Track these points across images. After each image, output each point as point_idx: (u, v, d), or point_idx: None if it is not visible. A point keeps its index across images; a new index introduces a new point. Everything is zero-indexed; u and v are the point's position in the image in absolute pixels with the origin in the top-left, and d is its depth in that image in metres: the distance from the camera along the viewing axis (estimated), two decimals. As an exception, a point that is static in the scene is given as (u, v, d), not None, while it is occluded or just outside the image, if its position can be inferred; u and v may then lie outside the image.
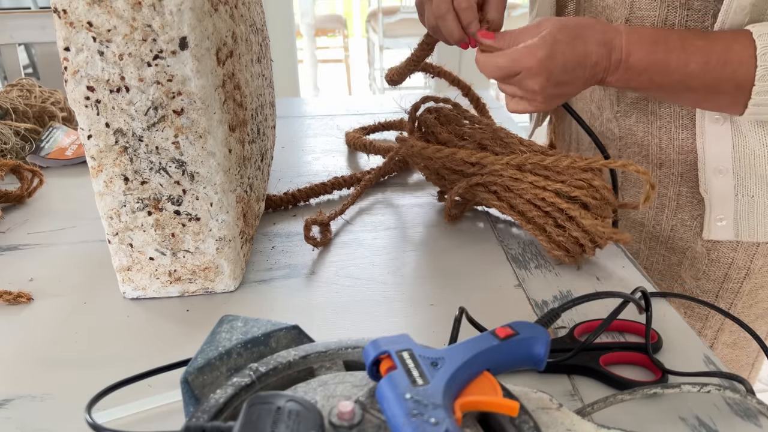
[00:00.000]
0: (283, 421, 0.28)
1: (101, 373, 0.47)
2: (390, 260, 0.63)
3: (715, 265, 0.71)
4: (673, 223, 0.72)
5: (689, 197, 0.70)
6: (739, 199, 0.65)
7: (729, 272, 0.71)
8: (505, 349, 0.35)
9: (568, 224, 0.58)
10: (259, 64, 0.69)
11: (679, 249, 0.73)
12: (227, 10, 0.54)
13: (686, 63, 0.55)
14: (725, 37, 0.56)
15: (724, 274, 0.71)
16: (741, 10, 0.55)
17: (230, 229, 0.55)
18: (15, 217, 0.75)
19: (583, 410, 0.40)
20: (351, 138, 0.93)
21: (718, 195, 0.65)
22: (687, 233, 0.72)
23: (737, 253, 0.69)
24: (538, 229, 0.61)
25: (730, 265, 0.70)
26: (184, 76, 0.47)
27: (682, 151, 0.68)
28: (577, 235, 0.58)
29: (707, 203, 0.67)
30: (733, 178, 0.64)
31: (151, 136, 0.49)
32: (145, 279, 0.56)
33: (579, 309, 0.53)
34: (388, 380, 0.30)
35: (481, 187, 0.65)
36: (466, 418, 0.32)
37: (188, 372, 0.35)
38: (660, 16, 0.61)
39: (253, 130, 0.64)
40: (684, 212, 0.71)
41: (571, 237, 0.58)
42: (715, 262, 0.71)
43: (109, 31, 0.45)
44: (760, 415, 0.41)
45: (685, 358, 0.48)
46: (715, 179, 0.65)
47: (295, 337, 0.39)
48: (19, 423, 0.43)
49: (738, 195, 0.64)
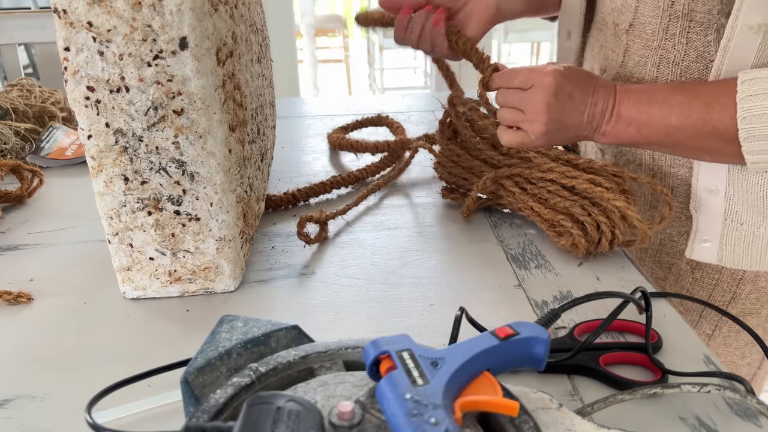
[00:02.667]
0: (283, 421, 0.28)
1: (101, 373, 0.47)
2: (390, 260, 0.63)
3: (699, 284, 0.70)
4: (661, 237, 0.71)
5: (678, 212, 0.68)
6: (727, 224, 0.62)
7: (713, 294, 0.69)
8: (505, 349, 0.35)
9: (595, 209, 0.59)
10: (259, 64, 0.69)
11: (665, 264, 0.72)
12: (227, 10, 0.54)
13: (668, 115, 0.56)
14: (707, 94, 0.55)
15: (708, 295, 0.70)
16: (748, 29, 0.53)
17: (230, 229, 0.55)
18: (15, 217, 0.75)
19: (583, 410, 0.40)
20: (334, 139, 0.93)
21: (706, 215, 0.63)
22: (674, 249, 0.70)
23: (722, 275, 0.68)
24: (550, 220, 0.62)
25: (714, 287, 0.69)
26: (184, 76, 0.47)
27: (674, 164, 0.66)
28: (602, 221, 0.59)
29: (694, 222, 0.64)
30: (724, 201, 0.61)
31: (151, 136, 0.49)
32: (145, 279, 0.56)
33: (579, 309, 0.53)
34: (388, 380, 0.30)
35: (508, 179, 0.66)
36: (466, 418, 0.32)
37: (188, 372, 0.35)
38: (661, 25, 0.60)
39: (253, 130, 0.64)
40: (672, 227, 0.70)
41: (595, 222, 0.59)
42: (700, 281, 0.69)
43: (109, 31, 0.45)
44: (760, 415, 0.41)
45: (685, 358, 0.47)
46: (705, 198, 0.63)
47: (295, 337, 0.39)
48: (19, 423, 0.43)
49: (727, 220, 0.62)
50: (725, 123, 0.53)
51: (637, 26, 0.63)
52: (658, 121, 0.56)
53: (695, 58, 0.60)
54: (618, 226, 0.59)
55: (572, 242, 0.61)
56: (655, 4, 0.60)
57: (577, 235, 0.60)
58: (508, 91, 0.61)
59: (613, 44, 0.67)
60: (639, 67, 0.64)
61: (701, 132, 0.55)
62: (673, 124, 0.56)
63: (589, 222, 0.59)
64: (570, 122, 0.58)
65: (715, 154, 0.57)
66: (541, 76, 0.58)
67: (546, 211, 0.62)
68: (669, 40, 0.61)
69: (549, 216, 0.62)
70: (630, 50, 0.65)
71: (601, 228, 0.59)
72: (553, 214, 0.61)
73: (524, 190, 0.65)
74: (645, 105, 0.57)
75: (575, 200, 0.61)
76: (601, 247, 0.60)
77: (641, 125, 0.57)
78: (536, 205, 0.63)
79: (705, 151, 0.58)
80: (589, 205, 0.60)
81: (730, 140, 0.54)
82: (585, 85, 0.58)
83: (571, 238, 0.60)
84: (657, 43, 0.62)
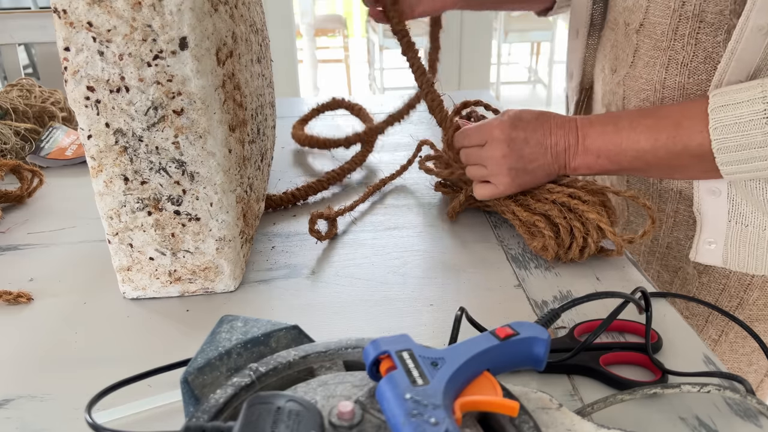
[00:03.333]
0: (283, 421, 0.28)
1: (101, 373, 0.47)
2: (390, 260, 0.63)
3: (706, 289, 0.69)
4: (668, 240, 0.71)
5: (686, 216, 0.68)
6: (731, 225, 0.61)
7: (720, 299, 0.69)
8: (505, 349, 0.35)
9: (571, 215, 0.60)
10: (259, 64, 0.69)
11: (672, 267, 0.72)
12: (227, 10, 0.54)
13: (637, 141, 0.57)
14: (676, 113, 0.56)
15: (714, 300, 0.69)
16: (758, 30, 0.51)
17: (230, 229, 0.55)
18: (15, 217, 0.75)
19: (583, 410, 0.40)
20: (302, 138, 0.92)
21: (710, 216, 0.63)
22: (681, 252, 0.70)
23: (729, 281, 0.67)
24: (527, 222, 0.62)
25: (721, 292, 0.68)
26: (184, 76, 0.47)
27: None
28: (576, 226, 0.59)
29: (698, 223, 0.64)
30: (727, 202, 0.61)
31: (151, 136, 0.49)
32: (145, 279, 0.56)
33: (579, 309, 0.53)
34: (388, 380, 0.30)
35: None
36: (466, 418, 0.32)
37: (188, 372, 0.35)
38: (671, 25, 0.60)
39: (253, 130, 0.64)
40: (679, 231, 0.69)
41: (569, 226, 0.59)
42: (706, 286, 0.69)
43: (109, 31, 0.45)
44: (760, 415, 0.41)
45: (685, 358, 0.48)
46: (708, 199, 0.62)
47: (295, 337, 0.39)
48: (19, 423, 0.43)
49: (731, 221, 0.61)
50: (695, 139, 0.54)
51: (648, 26, 0.63)
52: (627, 148, 0.57)
53: (703, 60, 0.59)
54: (591, 234, 0.59)
55: (542, 244, 0.60)
56: (666, 5, 0.60)
57: (548, 236, 0.59)
58: (469, 150, 0.64)
59: (623, 44, 0.67)
60: (648, 68, 0.64)
61: (672, 151, 0.55)
62: (643, 147, 0.56)
63: (564, 225, 0.59)
64: (533, 166, 0.60)
65: (690, 170, 0.58)
66: (490, 131, 0.61)
67: (525, 214, 0.62)
68: (678, 41, 0.60)
69: (526, 217, 0.62)
70: (640, 51, 0.65)
71: (574, 233, 0.59)
72: (530, 215, 0.62)
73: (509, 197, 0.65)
74: (612, 134, 0.58)
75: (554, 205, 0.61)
76: (572, 253, 0.59)
77: (611, 154, 0.58)
78: (517, 208, 0.63)
79: (678, 170, 0.58)
80: (566, 211, 0.60)
81: (702, 156, 0.54)
82: (539, 128, 0.60)
83: (542, 240, 0.60)
84: (666, 44, 0.61)
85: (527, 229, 0.63)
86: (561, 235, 0.59)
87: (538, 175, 0.61)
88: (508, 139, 0.59)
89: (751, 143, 0.51)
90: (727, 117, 0.52)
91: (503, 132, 0.60)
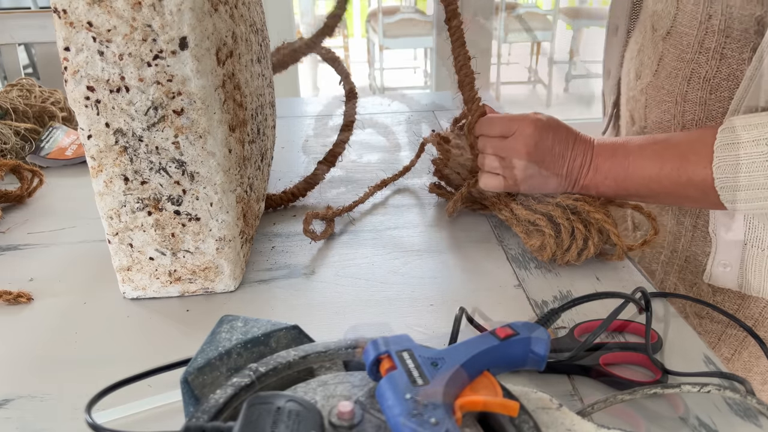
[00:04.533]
0: (283, 421, 0.28)
1: (101, 373, 0.47)
2: (390, 260, 0.63)
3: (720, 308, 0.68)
4: (687, 254, 0.69)
5: (704, 232, 0.66)
6: (748, 249, 0.60)
7: None
8: (505, 349, 0.35)
9: (574, 216, 0.59)
10: (259, 64, 0.69)
11: (687, 282, 0.70)
12: (227, 10, 0.54)
13: (642, 167, 0.56)
14: (683, 144, 0.55)
15: (727, 320, 0.67)
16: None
17: (230, 229, 0.55)
18: (15, 217, 0.75)
19: (583, 410, 0.40)
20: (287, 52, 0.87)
21: (726, 238, 0.61)
22: (697, 268, 0.68)
23: (744, 301, 0.64)
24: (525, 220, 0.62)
25: (735, 312, 0.66)
26: (184, 76, 0.47)
27: None
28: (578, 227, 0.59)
29: (713, 244, 0.62)
30: (743, 224, 0.59)
31: (151, 136, 0.49)
32: (145, 279, 0.56)
33: (579, 309, 0.53)
34: (388, 380, 0.30)
35: None
36: (466, 418, 0.32)
37: (188, 372, 0.35)
38: (697, 37, 0.59)
39: (253, 130, 0.64)
40: (697, 246, 0.67)
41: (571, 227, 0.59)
42: (720, 305, 0.67)
43: (109, 31, 0.45)
44: (760, 415, 0.41)
45: (685, 358, 0.47)
46: (724, 221, 0.61)
47: (295, 337, 0.39)
48: (19, 423, 0.43)
49: (748, 245, 0.60)
50: (699, 174, 0.53)
51: (674, 35, 0.62)
52: (634, 173, 0.57)
53: (727, 76, 0.58)
54: (593, 237, 0.58)
55: (541, 243, 0.60)
56: (693, 16, 0.59)
57: (548, 235, 0.59)
58: (489, 140, 0.62)
59: (649, 50, 0.66)
60: (670, 79, 0.63)
61: (677, 182, 0.55)
62: (648, 174, 0.56)
63: (565, 226, 0.59)
64: (547, 173, 0.59)
65: (697, 201, 0.57)
66: (523, 125, 0.59)
67: (525, 212, 0.61)
68: (703, 54, 0.59)
69: (525, 215, 0.61)
70: (664, 59, 0.64)
71: (575, 234, 0.59)
72: (530, 213, 0.61)
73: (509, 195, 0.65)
74: (621, 158, 0.57)
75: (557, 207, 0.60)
76: (569, 255, 0.59)
77: (618, 178, 0.58)
78: (516, 206, 0.63)
79: (686, 200, 0.57)
80: (570, 213, 0.60)
81: (706, 190, 0.53)
82: (565, 138, 0.59)
83: (541, 238, 0.60)
84: (691, 56, 0.60)
85: (524, 227, 0.62)
86: (561, 235, 0.59)
87: (548, 183, 0.60)
88: (538, 138, 0.58)
89: (754, 184, 0.50)
90: (731, 156, 0.51)
91: (536, 130, 0.58)
